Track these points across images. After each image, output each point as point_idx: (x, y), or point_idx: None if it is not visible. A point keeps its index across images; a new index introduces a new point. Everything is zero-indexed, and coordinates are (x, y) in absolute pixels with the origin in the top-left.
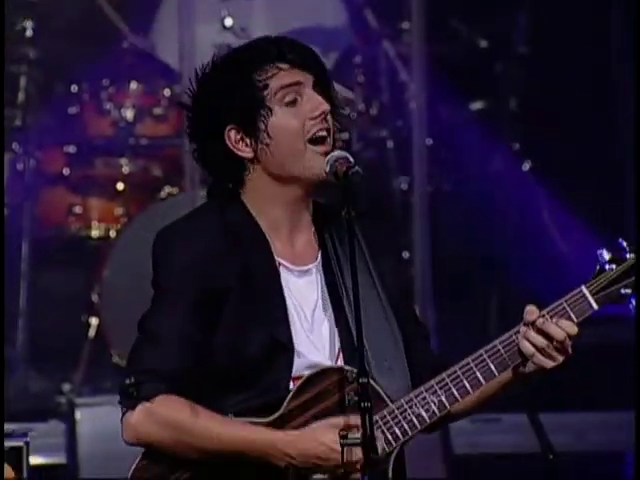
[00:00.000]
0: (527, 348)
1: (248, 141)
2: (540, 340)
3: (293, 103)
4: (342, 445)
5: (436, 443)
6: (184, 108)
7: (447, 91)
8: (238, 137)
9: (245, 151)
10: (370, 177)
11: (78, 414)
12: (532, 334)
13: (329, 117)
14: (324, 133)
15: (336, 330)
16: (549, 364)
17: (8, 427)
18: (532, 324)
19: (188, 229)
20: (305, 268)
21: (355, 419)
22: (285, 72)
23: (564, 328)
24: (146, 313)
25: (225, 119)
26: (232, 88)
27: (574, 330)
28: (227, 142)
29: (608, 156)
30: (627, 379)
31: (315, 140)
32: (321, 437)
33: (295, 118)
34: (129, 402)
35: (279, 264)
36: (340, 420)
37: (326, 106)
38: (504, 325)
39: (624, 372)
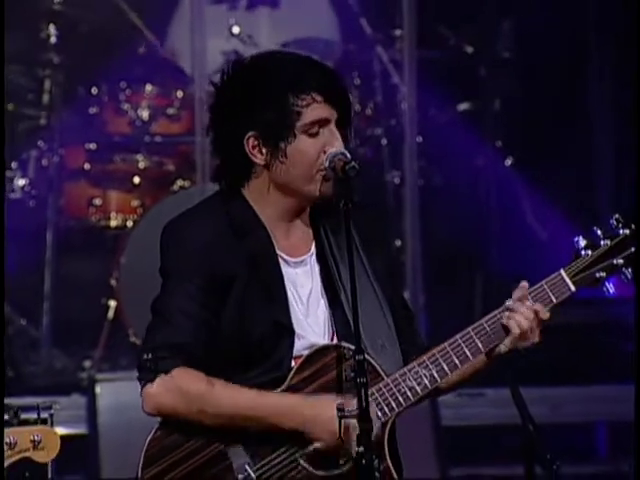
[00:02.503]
0: (512, 326)
1: (264, 150)
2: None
3: (315, 135)
4: (340, 417)
5: (425, 415)
6: (215, 89)
7: (436, 93)
8: (255, 144)
9: (258, 158)
10: (365, 172)
11: (98, 388)
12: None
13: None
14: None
15: (330, 313)
16: (522, 344)
17: (34, 401)
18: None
19: (194, 221)
20: (300, 259)
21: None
22: (318, 105)
23: (535, 309)
24: (157, 297)
25: (249, 126)
26: (266, 103)
27: (545, 315)
28: (245, 145)
29: (583, 152)
30: (597, 356)
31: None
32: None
33: (313, 148)
34: (148, 376)
35: (278, 255)
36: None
37: (341, 145)
38: (488, 306)
39: (595, 350)
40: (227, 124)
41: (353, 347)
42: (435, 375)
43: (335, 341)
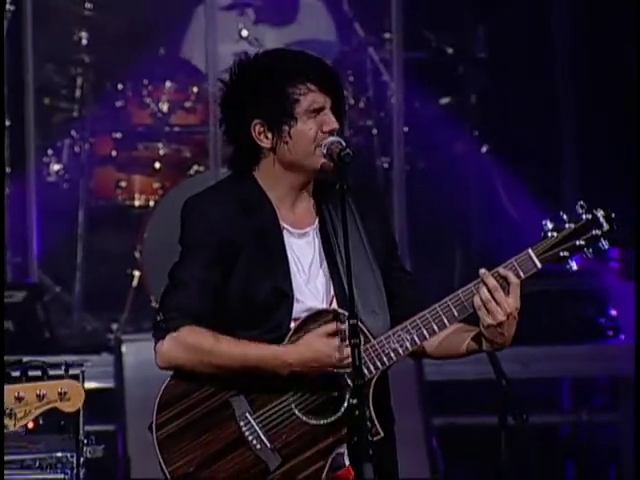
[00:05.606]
0: (476, 301)
1: (270, 135)
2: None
3: (313, 117)
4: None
5: (411, 371)
6: (224, 84)
7: (420, 89)
8: (261, 130)
9: (265, 142)
10: (358, 157)
11: (124, 348)
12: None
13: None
14: None
15: (330, 281)
16: (487, 321)
17: (69, 359)
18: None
19: (209, 198)
20: (304, 231)
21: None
22: (313, 93)
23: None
24: (174, 265)
25: (255, 114)
26: (268, 94)
27: (515, 279)
28: (252, 132)
29: (551, 141)
30: (562, 320)
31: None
32: (313, 344)
33: (311, 129)
34: (160, 334)
35: (283, 228)
36: (328, 328)
37: (336, 125)
38: (467, 278)
39: (560, 314)
40: (236, 115)
41: (346, 312)
42: (415, 339)
43: (335, 305)
